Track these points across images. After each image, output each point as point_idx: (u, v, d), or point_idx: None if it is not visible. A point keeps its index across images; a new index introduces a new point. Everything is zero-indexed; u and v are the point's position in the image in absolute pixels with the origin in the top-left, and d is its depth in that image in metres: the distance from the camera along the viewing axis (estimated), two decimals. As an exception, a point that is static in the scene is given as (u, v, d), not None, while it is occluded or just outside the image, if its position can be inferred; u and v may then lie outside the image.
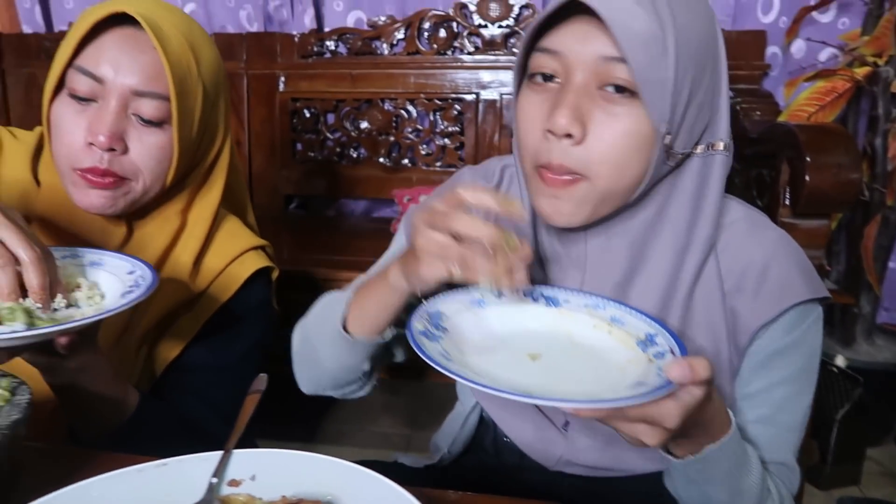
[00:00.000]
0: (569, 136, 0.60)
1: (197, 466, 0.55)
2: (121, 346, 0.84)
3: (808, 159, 1.27)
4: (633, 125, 0.60)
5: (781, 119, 1.67)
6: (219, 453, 0.56)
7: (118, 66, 0.75)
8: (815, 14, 1.88)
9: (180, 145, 0.79)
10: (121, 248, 0.83)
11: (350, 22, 2.07)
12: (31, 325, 0.60)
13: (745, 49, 1.87)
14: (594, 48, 0.59)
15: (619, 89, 0.60)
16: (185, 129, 0.80)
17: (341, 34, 2.03)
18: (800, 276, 0.67)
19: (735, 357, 0.69)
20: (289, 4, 2.10)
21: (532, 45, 0.64)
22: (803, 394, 0.70)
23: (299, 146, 2.11)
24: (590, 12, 0.57)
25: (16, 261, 0.61)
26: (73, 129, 0.76)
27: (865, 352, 1.79)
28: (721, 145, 0.66)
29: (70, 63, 0.76)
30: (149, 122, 0.78)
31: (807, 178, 1.26)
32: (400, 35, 1.99)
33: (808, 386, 0.71)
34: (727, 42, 1.80)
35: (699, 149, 0.65)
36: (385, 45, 2.01)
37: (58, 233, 0.83)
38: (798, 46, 1.94)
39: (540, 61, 0.63)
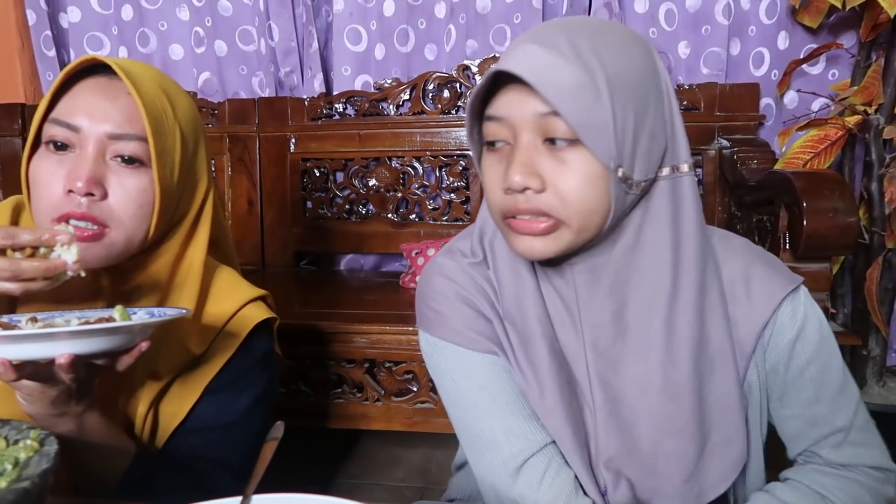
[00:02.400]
0: (528, 189, 0.65)
1: (218, 513, 0.56)
2: (127, 410, 0.83)
3: (804, 204, 1.30)
4: (584, 167, 0.64)
5: (778, 167, 1.72)
6: (237, 499, 0.58)
7: (92, 113, 0.75)
8: (805, 67, 1.95)
9: (161, 187, 0.78)
10: (109, 307, 0.80)
11: (358, 85, 2.16)
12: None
13: (740, 101, 1.94)
14: (531, 108, 0.64)
15: (560, 140, 0.64)
16: (164, 170, 0.78)
17: (349, 97, 2.11)
18: (776, 272, 0.73)
19: (741, 364, 0.72)
20: (299, 70, 2.19)
21: (480, 114, 0.70)
22: (833, 356, 0.74)
23: (309, 204, 2.17)
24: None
25: None
26: (52, 180, 0.75)
27: (877, 394, 1.78)
28: (685, 167, 0.70)
29: (45, 117, 0.77)
30: (129, 162, 0.76)
31: (804, 222, 1.30)
32: (405, 96, 2.07)
33: (834, 351, 0.74)
34: (722, 95, 1.88)
35: (664, 171, 0.69)
36: (391, 106, 2.09)
37: (42, 298, 0.79)
38: (790, 97, 2.01)
39: (490, 129, 0.68)
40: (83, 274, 0.69)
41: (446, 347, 0.77)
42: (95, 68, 0.77)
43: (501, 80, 0.66)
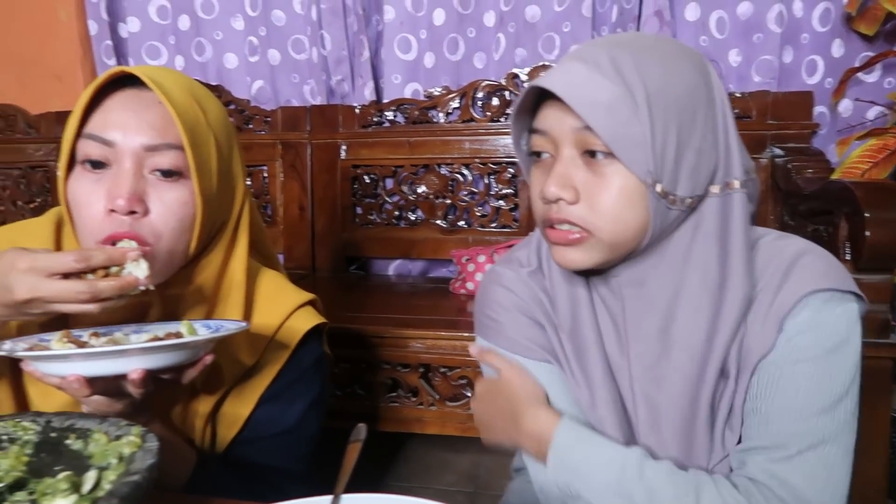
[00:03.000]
0: (561, 199, 0.67)
1: (309, 511, 0.59)
2: (186, 422, 0.85)
3: (866, 215, 1.29)
4: (620, 181, 0.65)
5: (835, 176, 1.69)
6: (328, 498, 0.61)
7: (125, 125, 0.73)
8: (860, 75, 1.92)
9: (203, 198, 0.76)
10: (157, 321, 0.82)
11: (408, 93, 2.19)
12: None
13: (793, 109, 1.92)
14: (569, 122, 0.66)
15: (599, 153, 0.66)
16: (204, 179, 0.76)
17: (399, 104, 2.15)
18: (828, 269, 0.67)
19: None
20: (350, 79, 2.23)
21: (529, 125, 0.73)
22: (831, 382, 0.65)
23: (359, 210, 2.21)
24: None
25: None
26: (92, 200, 0.73)
27: (936, 409, 1.74)
28: (736, 184, 0.69)
29: (79, 134, 0.75)
30: (167, 175, 0.75)
31: (867, 233, 1.28)
32: (455, 104, 2.10)
33: (844, 376, 0.66)
34: (774, 103, 1.86)
35: (715, 188, 0.69)
36: (441, 114, 2.11)
37: (91, 316, 0.78)
38: (845, 105, 1.98)
39: (535, 141, 0.71)
40: (153, 287, 0.71)
41: (503, 354, 0.80)
42: (124, 80, 0.75)
43: (546, 95, 0.68)
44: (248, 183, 2.28)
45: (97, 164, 0.74)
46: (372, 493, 0.61)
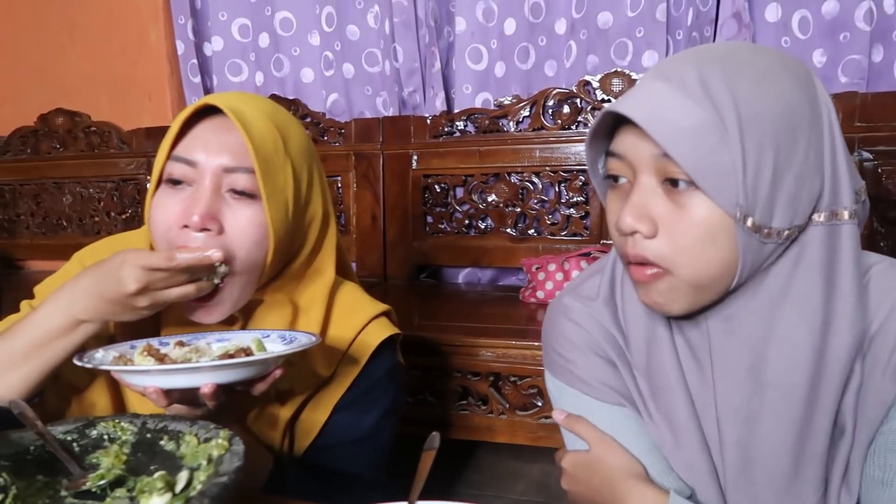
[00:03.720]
0: (636, 232, 0.62)
1: (387, 516, 0.60)
2: (264, 431, 0.88)
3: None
4: (700, 214, 0.59)
5: (930, 181, 1.60)
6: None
7: (208, 147, 0.78)
8: (959, 72, 1.81)
9: (274, 226, 0.79)
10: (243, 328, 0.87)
11: (478, 103, 2.20)
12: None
13: (884, 111, 1.82)
14: (648, 148, 0.60)
15: (682, 181, 0.60)
16: (275, 206, 0.79)
17: (470, 114, 2.16)
18: None
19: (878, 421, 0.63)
20: (421, 90, 2.26)
21: (606, 147, 0.67)
22: None
23: (430, 219, 2.24)
24: None
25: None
26: (168, 216, 0.78)
27: None
28: (845, 214, 0.61)
29: (168, 157, 0.80)
30: (241, 195, 0.78)
31: (965, 242, 1.21)
32: (525, 113, 2.10)
33: None
34: (863, 105, 1.77)
35: (820, 217, 0.62)
36: (511, 123, 2.12)
37: (183, 324, 0.85)
38: (942, 105, 1.86)
39: (612, 165, 0.66)
40: (225, 268, 0.77)
41: (574, 395, 0.76)
42: (213, 109, 0.80)
43: (624, 116, 0.62)
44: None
45: (177, 182, 0.79)
46: (445, 501, 0.62)
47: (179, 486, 0.62)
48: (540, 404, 1.50)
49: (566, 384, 0.77)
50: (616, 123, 0.65)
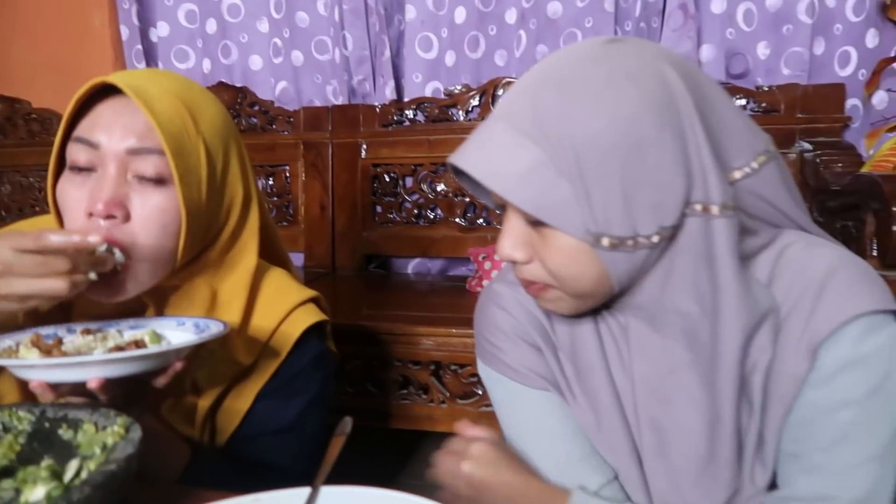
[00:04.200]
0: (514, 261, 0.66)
1: (287, 502, 0.59)
2: (184, 420, 0.85)
3: (894, 210, 1.24)
4: (560, 243, 0.61)
5: (864, 170, 1.63)
6: (307, 489, 0.60)
7: (111, 129, 0.74)
8: (895, 65, 1.85)
9: (187, 208, 0.76)
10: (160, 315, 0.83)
11: (428, 92, 2.18)
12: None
13: (824, 102, 1.86)
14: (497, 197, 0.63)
15: (538, 221, 0.61)
16: (188, 188, 0.76)
17: (420, 103, 2.15)
18: (865, 286, 0.61)
19: (791, 395, 0.63)
20: (371, 79, 2.23)
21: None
22: (878, 425, 0.60)
23: (379, 209, 2.21)
24: None
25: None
26: (75, 204, 0.74)
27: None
28: (715, 209, 0.60)
29: (67, 138, 0.76)
30: (150, 181, 0.75)
31: (894, 228, 1.23)
32: (475, 102, 2.09)
33: (887, 418, 0.60)
34: (804, 97, 1.80)
35: (694, 210, 0.60)
36: (461, 112, 2.11)
37: (93, 313, 0.82)
38: (879, 98, 1.90)
39: (493, 196, 0.66)
40: (121, 259, 0.72)
41: (501, 380, 0.77)
42: (113, 89, 0.76)
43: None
44: (270, 182, 2.31)
45: (83, 169, 0.75)
46: (350, 486, 0.60)
47: (68, 476, 0.59)
48: (480, 392, 1.50)
49: (495, 371, 0.77)
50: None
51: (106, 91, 0.76)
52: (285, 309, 0.89)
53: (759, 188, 0.64)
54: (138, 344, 0.70)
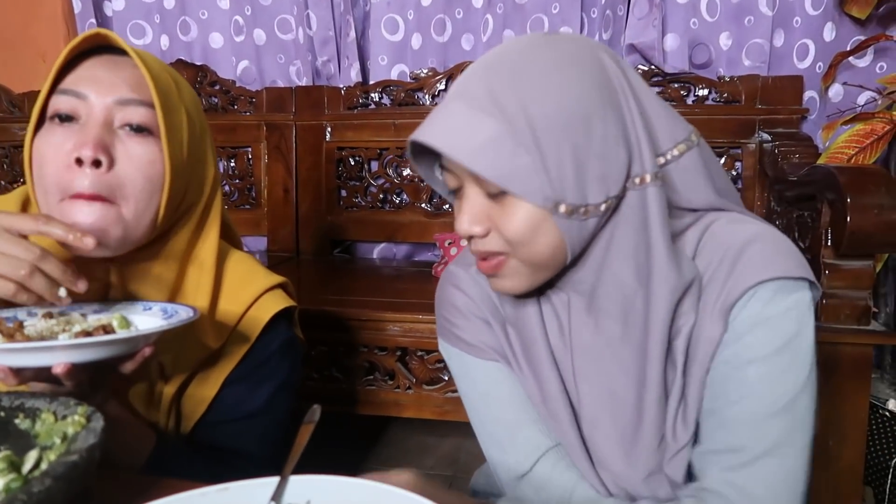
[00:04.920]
0: (473, 236, 0.68)
1: (256, 491, 0.58)
2: (150, 405, 0.84)
3: (848, 200, 1.27)
4: (520, 213, 0.64)
5: (821, 162, 1.68)
6: (276, 479, 0.60)
7: (99, 82, 0.73)
8: (851, 59, 1.90)
9: (171, 161, 0.75)
10: (124, 300, 0.81)
11: (394, 75, 2.16)
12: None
13: (783, 94, 1.90)
14: (461, 166, 0.64)
15: (500, 191, 0.64)
16: (173, 144, 0.75)
17: (385, 86, 2.12)
18: (780, 256, 0.65)
19: (708, 356, 0.67)
20: (336, 60, 2.20)
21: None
22: (784, 380, 0.64)
23: (344, 193, 2.19)
24: None
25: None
26: (57, 153, 0.71)
27: (918, 397, 1.73)
28: (648, 178, 0.65)
29: (52, 91, 0.74)
30: (137, 131, 0.74)
31: (848, 219, 1.27)
32: (441, 86, 2.08)
33: (797, 375, 0.64)
34: (764, 88, 1.83)
35: (633, 183, 0.66)
36: (427, 96, 2.09)
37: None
38: (835, 91, 1.95)
39: (445, 176, 0.70)
40: (90, 244, 0.68)
41: (457, 354, 0.81)
42: (100, 49, 0.76)
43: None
44: (232, 164, 2.26)
45: (66, 118, 0.73)
46: (319, 475, 0.59)
47: (27, 467, 0.57)
48: (446, 378, 1.50)
49: (451, 346, 0.82)
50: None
51: (90, 52, 0.76)
52: (253, 294, 0.88)
53: (678, 175, 0.69)
54: (106, 329, 0.68)
